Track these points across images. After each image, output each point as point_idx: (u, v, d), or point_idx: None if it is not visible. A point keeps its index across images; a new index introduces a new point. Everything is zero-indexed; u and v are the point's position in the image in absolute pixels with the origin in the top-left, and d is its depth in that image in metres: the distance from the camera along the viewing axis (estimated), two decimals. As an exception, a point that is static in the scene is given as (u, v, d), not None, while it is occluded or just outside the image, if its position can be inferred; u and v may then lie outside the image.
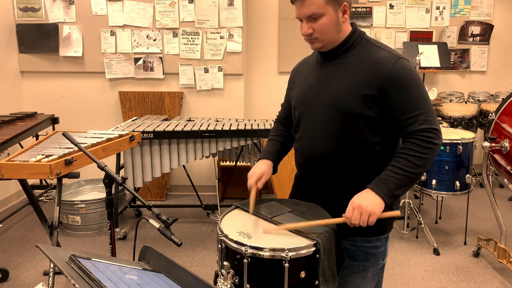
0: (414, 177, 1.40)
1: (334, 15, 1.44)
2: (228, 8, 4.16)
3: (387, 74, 1.41)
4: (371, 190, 1.38)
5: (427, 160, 1.39)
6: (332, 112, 1.48)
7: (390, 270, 3.02)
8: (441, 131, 1.42)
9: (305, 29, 1.47)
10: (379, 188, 1.38)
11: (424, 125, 1.39)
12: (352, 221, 1.36)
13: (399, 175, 1.38)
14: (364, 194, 1.39)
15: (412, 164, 1.38)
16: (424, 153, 1.38)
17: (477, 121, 4.40)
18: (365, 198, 1.37)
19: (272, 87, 4.68)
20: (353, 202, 1.38)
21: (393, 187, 1.38)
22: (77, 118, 4.44)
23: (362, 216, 1.35)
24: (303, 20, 1.46)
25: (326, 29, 1.45)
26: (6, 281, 2.88)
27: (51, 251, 1.09)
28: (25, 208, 4.04)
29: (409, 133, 1.42)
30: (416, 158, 1.38)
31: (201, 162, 4.45)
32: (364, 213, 1.34)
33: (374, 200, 1.36)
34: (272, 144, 1.75)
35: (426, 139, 1.39)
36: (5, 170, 2.24)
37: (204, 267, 3.08)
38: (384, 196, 1.37)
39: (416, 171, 1.39)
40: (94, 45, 4.27)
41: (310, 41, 1.50)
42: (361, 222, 1.36)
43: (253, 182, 1.60)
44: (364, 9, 4.61)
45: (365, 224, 1.36)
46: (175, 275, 1.23)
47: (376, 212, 1.35)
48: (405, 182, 1.39)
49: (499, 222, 3.03)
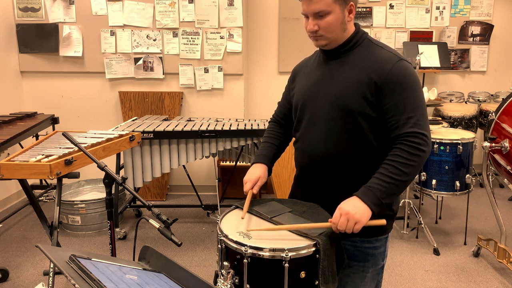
0: (402, 184, 1.39)
1: (341, 13, 1.45)
2: (228, 8, 4.16)
3: (387, 73, 1.41)
4: (359, 198, 1.37)
5: (414, 168, 1.38)
6: (334, 111, 1.48)
7: (390, 270, 3.01)
8: (430, 137, 1.42)
9: (311, 25, 1.46)
10: (366, 196, 1.37)
11: (414, 128, 1.38)
12: (338, 227, 1.36)
13: (387, 183, 1.37)
14: (352, 201, 1.38)
15: (399, 171, 1.37)
16: (412, 160, 1.37)
17: (477, 121, 4.41)
18: (353, 205, 1.36)
19: (272, 87, 4.68)
20: (340, 208, 1.37)
21: (381, 195, 1.37)
22: (77, 118, 4.44)
23: (348, 223, 1.34)
24: (310, 16, 1.46)
25: (332, 27, 1.45)
26: (6, 281, 2.88)
27: (51, 251, 1.09)
28: (25, 208, 4.04)
29: (398, 136, 1.41)
30: (404, 165, 1.37)
31: (201, 162, 4.45)
32: (351, 220, 1.34)
33: (361, 208, 1.35)
34: (267, 147, 1.74)
35: (414, 145, 1.38)
36: (5, 170, 2.24)
37: (204, 267, 3.08)
38: (371, 204, 1.36)
39: (404, 179, 1.38)
40: (94, 45, 4.27)
41: (315, 38, 1.50)
42: (346, 229, 1.35)
43: (249, 188, 1.60)
44: (364, 9, 4.61)
45: (350, 231, 1.35)
46: (175, 275, 1.23)
47: (362, 221, 1.34)
48: (392, 190, 1.38)
49: (499, 222, 3.03)
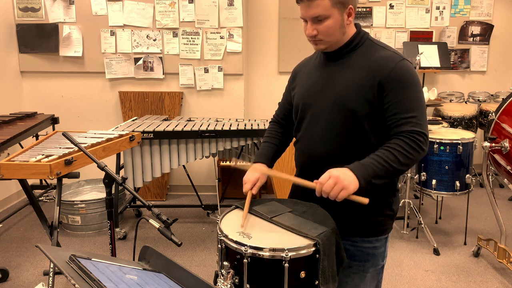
0: (394, 172, 1.39)
1: (339, 17, 1.45)
2: (228, 8, 4.16)
3: (389, 72, 1.42)
4: (350, 170, 1.37)
5: (411, 161, 1.39)
6: (336, 111, 1.48)
7: (390, 270, 3.01)
8: (428, 138, 1.43)
9: (309, 30, 1.47)
10: (357, 169, 1.37)
11: (415, 127, 1.40)
12: (324, 189, 1.34)
13: (381, 165, 1.37)
14: (342, 170, 1.37)
15: (395, 158, 1.38)
16: (410, 152, 1.38)
17: (477, 121, 4.40)
18: (343, 173, 1.35)
19: (272, 87, 4.68)
20: (330, 171, 1.36)
21: (372, 174, 1.36)
22: (77, 118, 4.44)
23: (335, 186, 1.33)
24: (308, 21, 1.46)
25: (331, 31, 1.45)
26: (6, 281, 2.88)
27: (51, 251, 1.09)
28: (25, 208, 4.04)
29: (398, 133, 1.41)
30: (401, 155, 1.38)
31: (201, 162, 4.45)
32: (339, 184, 1.32)
33: (351, 177, 1.35)
34: (267, 147, 1.74)
35: (415, 141, 1.39)
36: (5, 170, 2.24)
37: (204, 267, 3.08)
38: (361, 178, 1.35)
39: (397, 167, 1.38)
40: (94, 45, 4.27)
41: (314, 42, 1.50)
42: (331, 193, 1.33)
43: (249, 188, 1.60)
44: (364, 9, 4.61)
45: (333, 197, 1.33)
46: (175, 275, 1.23)
47: (349, 189, 1.33)
48: (383, 173, 1.38)
49: (499, 222, 3.03)
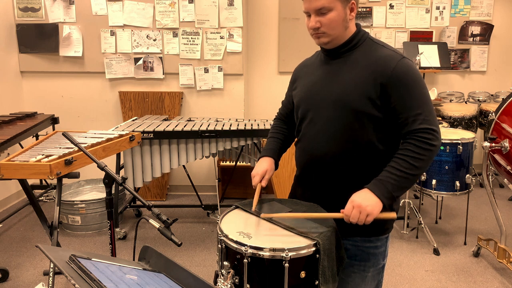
0: (413, 178, 1.40)
1: (342, 11, 1.45)
2: (228, 8, 4.16)
3: (391, 71, 1.42)
4: (370, 190, 1.39)
5: (425, 162, 1.40)
6: (337, 110, 1.48)
7: (390, 270, 3.01)
8: (440, 132, 1.43)
9: (312, 22, 1.47)
10: (377, 189, 1.38)
11: (423, 125, 1.40)
12: (351, 219, 1.37)
13: (398, 176, 1.38)
14: (363, 193, 1.39)
15: (410, 165, 1.38)
16: (422, 154, 1.39)
17: (477, 121, 4.40)
18: (365, 198, 1.37)
19: (272, 87, 4.68)
20: (353, 200, 1.38)
21: (392, 189, 1.38)
22: (77, 118, 4.44)
23: (360, 215, 1.36)
24: (312, 13, 1.47)
25: (334, 24, 1.45)
26: (6, 281, 2.87)
27: (51, 251, 1.09)
28: (25, 208, 4.04)
29: (408, 132, 1.42)
30: (414, 160, 1.39)
31: (201, 162, 4.45)
32: (363, 212, 1.35)
33: (373, 200, 1.37)
34: (273, 141, 1.76)
35: (424, 140, 1.39)
36: (5, 170, 2.24)
37: (204, 267, 3.08)
38: (382, 197, 1.37)
39: (414, 173, 1.39)
40: (94, 45, 4.27)
41: (317, 36, 1.50)
42: (358, 221, 1.37)
43: (258, 181, 1.61)
44: (364, 9, 4.61)
45: (362, 223, 1.37)
46: (175, 275, 1.23)
47: (374, 213, 1.36)
48: (403, 184, 1.40)
49: (499, 222, 3.03)
